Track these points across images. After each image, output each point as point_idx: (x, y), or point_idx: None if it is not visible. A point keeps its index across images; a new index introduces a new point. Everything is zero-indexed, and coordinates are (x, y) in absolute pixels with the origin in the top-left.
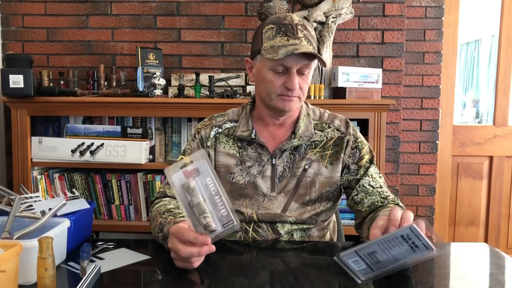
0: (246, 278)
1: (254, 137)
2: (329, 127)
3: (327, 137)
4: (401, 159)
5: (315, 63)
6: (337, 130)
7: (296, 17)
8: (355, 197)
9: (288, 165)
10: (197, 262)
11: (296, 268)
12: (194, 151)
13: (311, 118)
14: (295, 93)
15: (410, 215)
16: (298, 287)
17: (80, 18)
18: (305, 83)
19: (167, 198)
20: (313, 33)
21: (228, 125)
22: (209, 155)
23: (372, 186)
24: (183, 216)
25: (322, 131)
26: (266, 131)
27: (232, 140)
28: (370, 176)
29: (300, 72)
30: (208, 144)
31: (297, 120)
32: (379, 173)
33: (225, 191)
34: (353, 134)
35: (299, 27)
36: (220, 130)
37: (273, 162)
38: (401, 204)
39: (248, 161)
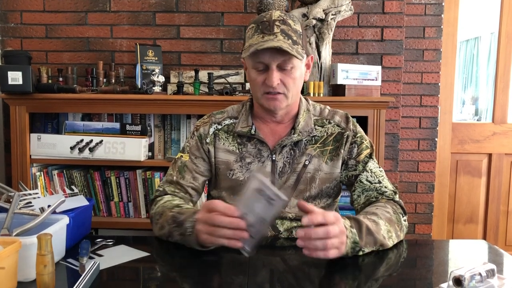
0: (245, 275)
1: (253, 133)
2: (329, 122)
3: (327, 133)
4: (400, 157)
5: (302, 58)
6: (338, 126)
7: (278, 13)
8: (353, 194)
9: (288, 160)
10: (226, 240)
11: (295, 265)
12: (192, 148)
13: (311, 113)
14: (278, 89)
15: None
16: (297, 285)
17: (79, 15)
18: (289, 78)
19: (168, 196)
20: (296, 26)
21: (227, 121)
22: (208, 152)
23: (369, 182)
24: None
25: (322, 126)
26: (265, 127)
27: (231, 136)
28: (369, 171)
29: (282, 68)
30: (208, 141)
31: (297, 115)
32: (379, 167)
33: (225, 187)
34: (352, 129)
35: (277, 22)
36: (219, 127)
37: (273, 158)
38: (396, 199)
39: (247, 157)
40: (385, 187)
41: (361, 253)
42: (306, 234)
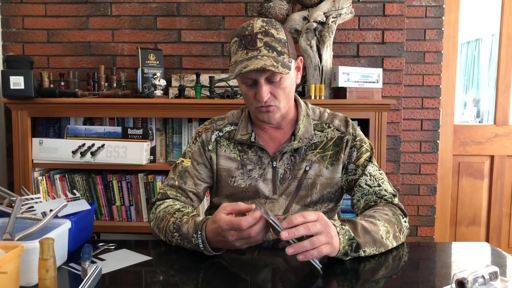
0: (247, 278)
1: (253, 140)
2: (329, 127)
3: (327, 138)
4: (402, 159)
5: (288, 71)
6: (337, 130)
7: (260, 22)
8: (353, 199)
9: (289, 167)
10: (260, 235)
11: (297, 268)
12: (194, 154)
13: (311, 118)
14: (270, 102)
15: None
16: (299, 285)
17: (80, 19)
18: (279, 90)
19: (169, 200)
20: (279, 35)
21: (228, 128)
22: (210, 159)
23: (369, 186)
24: (195, 215)
25: (322, 131)
26: (265, 134)
27: (233, 144)
28: (368, 175)
29: (271, 81)
30: (210, 147)
31: (296, 121)
32: (379, 170)
33: (227, 194)
34: (352, 133)
35: (259, 35)
36: (220, 134)
37: (274, 165)
38: (395, 202)
39: (249, 165)
40: (385, 190)
41: (363, 253)
42: (290, 233)
